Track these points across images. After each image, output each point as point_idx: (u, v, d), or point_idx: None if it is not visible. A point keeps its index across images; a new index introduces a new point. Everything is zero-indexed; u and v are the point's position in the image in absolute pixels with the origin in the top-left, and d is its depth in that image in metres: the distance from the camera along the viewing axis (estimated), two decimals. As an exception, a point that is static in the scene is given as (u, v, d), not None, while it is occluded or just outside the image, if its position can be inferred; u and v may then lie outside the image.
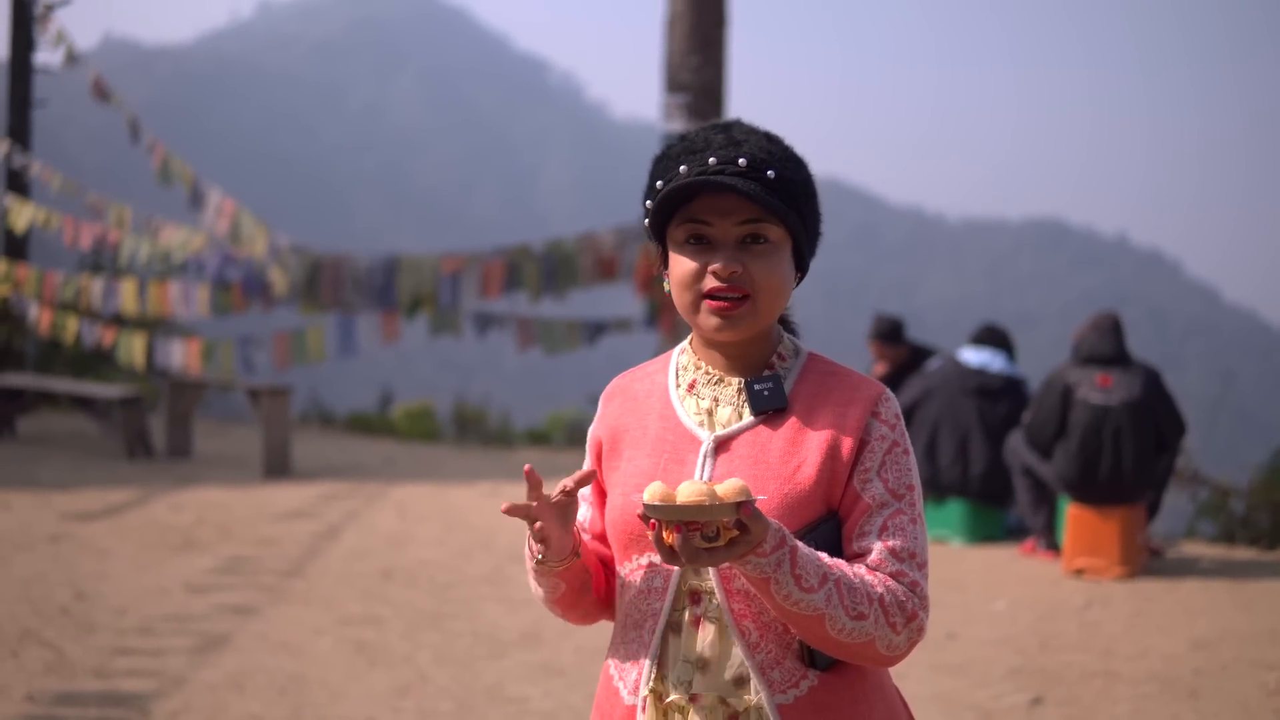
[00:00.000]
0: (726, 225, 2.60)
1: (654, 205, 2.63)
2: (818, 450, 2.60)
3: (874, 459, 2.61)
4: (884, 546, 2.56)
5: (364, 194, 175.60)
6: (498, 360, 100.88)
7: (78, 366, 18.70)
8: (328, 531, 10.99)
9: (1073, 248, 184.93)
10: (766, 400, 2.65)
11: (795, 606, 2.44)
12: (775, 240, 2.62)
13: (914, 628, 2.54)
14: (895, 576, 2.55)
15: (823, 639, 2.49)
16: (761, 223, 2.60)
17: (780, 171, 2.60)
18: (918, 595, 2.55)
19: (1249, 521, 11.19)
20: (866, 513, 2.59)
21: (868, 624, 2.48)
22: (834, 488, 2.60)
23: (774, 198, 2.58)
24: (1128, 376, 9.60)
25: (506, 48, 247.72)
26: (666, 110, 14.63)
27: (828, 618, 2.45)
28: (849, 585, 2.48)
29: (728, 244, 2.61)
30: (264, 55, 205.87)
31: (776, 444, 2.62)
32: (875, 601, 2.49)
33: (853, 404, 2.64)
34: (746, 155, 2.59)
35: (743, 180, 2.56)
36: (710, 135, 2.65)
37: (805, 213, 2.66)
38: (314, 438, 16.93)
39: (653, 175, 2.68)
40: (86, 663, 7.37)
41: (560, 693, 7.08)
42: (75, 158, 78.56)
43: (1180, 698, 6.96)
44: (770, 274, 2.61)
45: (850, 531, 2.61)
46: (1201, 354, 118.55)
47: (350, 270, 15.09)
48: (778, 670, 2.57)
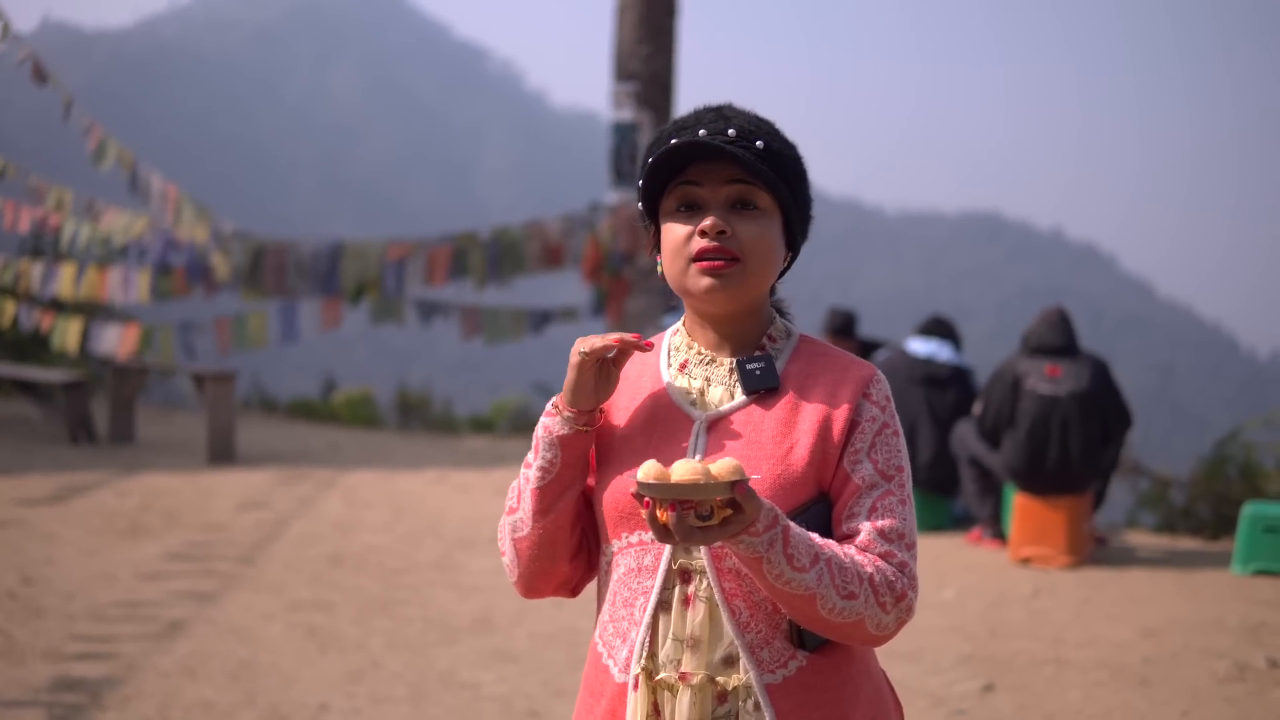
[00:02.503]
0: (715, 186, 2.62)
1: (645, 175, 2.66)
2: (810, 431, 2.61)
3: (864, 440, 2.62)
4: (873, 527, 2.57)
5: (303, 180, 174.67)
6: (435, 347, 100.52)
7: (17, 351, 18.54)
8: (275, 517, 10.95)
9: (1009, 241, 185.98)
10: (759, 380, 2.66)
11: (787, 586, 2.45)
12: (764, 207, 2.64)
13: (903, 607, 2.55)
14: (884, 557, 2.56)
15: (813, 618, 2.50)
16: (750, 187, 2.62)
17: (769, 143, 2.63)
18: (906, 575, 2.57)
19: (1189, 512, 11.31)
20: (856, 493, 2.60)
21: (858, 603, 2.49)
22: (825, 468, 2.61)
23: (763, 165, 2.60)
24: (1076, 367, 9.67)
25: (446, 35, 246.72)
26: (616, 98, 14.65)
27: (819, 597, 2.46)
28: (839, 565, 2.49)
29: (717, 204, 2.63)
30: (203, 40, 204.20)
31: (769, 424, 2.63)
32: (865, 581, 2.51)
33: (844, 384, 2.66)
34: (735, 127, 2.62)
35: (731, 146, 2.59)
36: (701, 114, 2.68)
37: (795, 189, 2.68)
38: (257, 424, 16.86)
39: (645, 155, 2.70)
40: (36, 647, 7.31)
41: (514, 678, 7.08)
42: (11, 140, 77.77)
43: (1130, 685, 7.02)
44: (759, 238, 2.63)
45: (840, 512, 2.62)
46: (1136, 348, 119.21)
47: (294, 256, 15.02)
48: (767, 650, 2.58)
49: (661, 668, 2.62)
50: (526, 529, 2.74)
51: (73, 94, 14.61)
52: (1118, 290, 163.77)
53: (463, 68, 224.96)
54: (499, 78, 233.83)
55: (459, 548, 10.09)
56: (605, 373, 2.67)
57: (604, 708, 2.70)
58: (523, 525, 2.74)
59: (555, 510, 2.71)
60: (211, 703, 6.59)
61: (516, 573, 2.80)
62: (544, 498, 2.70)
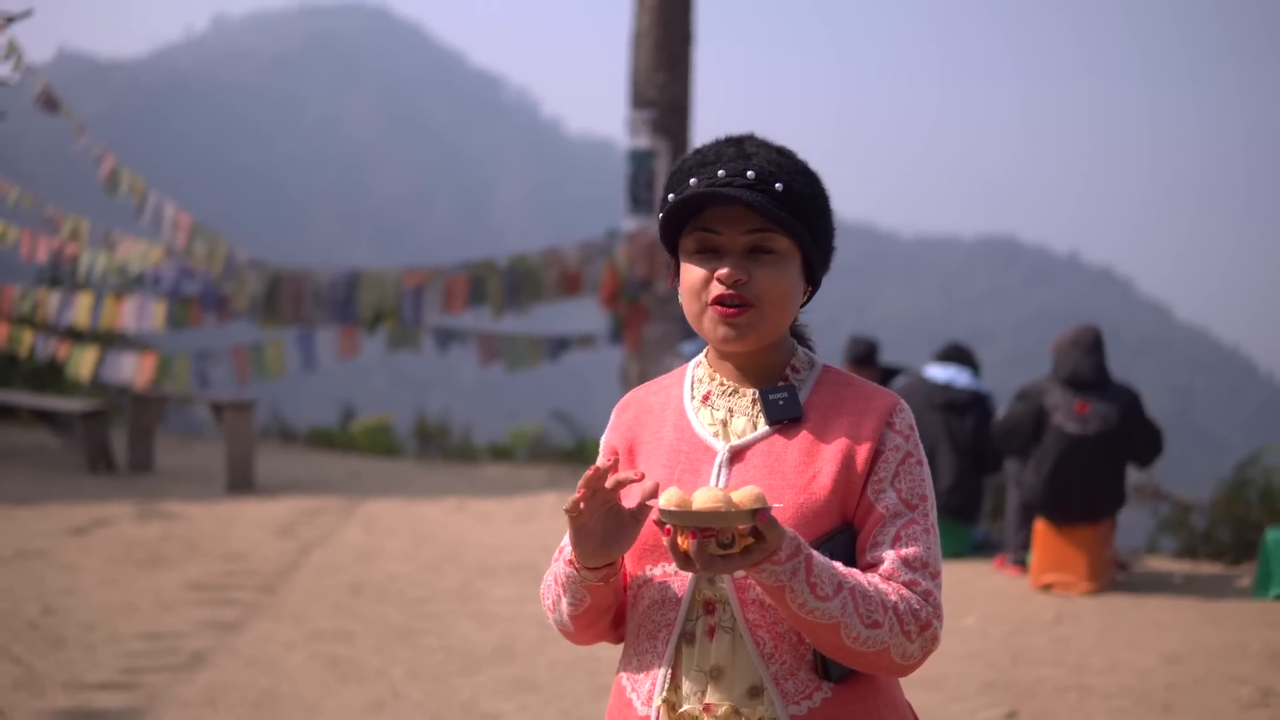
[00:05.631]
0: (734, 234, 2.63)
1: (664, 217, 2.67)
2: (833, 460, 2.62)
3: (888, 469, 2.63)
4: (897, 555, 2.58)
5: (319, 208, 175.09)
6: (454, 376, 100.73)
7: (35, 381, 18.58)
8: (296, 546, 10.95)
9: (1026, 265, 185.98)
10: (782, 410, 2.67)
11: (811, 615, 2.45)
12: (782, 251, 2.64)
13: (928, 636, 2.56)
14: (909, 585, 2.57)
15: (837, 648, 2.50)
16: (768, 233, 2.62)
17: (789, 184, 2.62)
18: (931, 604, 2.57)
19: (1210, 537, 11.27)
20: (880, 522, 2.61)
21: (882, 632, 2.50)
22: (849, 498, 2.62)
23: (781, 210, 2.59)
24: (1105, 405, 9.57)
25: (461, 63, 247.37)
26: (632, 126, 14.67)
27: (843, 626, 2.47)
28: (864, 593, 2.49)
29: (734, 252, 2.63)
30: (219, 69, 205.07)
31: (792, 454, 2.64)
32: (890, 610, 2.51)
33: (867, 414, 2.66)
34: (755, 168, 2.61)
35: (749, 192, 2.58)
36: (721, 149, 2.68)
37: (815, 226, 2.67)
38: (276, 453, 16.87)
39: (666, 189, 2.71)
40: (57, 678, 7.31)
41: (536, 708, 7.06)
42: (28, 171, 78.07)
43: (1154, 711, 7.00)
44: (775, 284, 2.63)
45: (864, 541, 2.63)
46: (1154, 371, 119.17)
47: (311, 285, 15.04)
48: (792, 681, 2.58)
49: (685, 700, 2.62)
50: (569, 629, 2.79)
51: (85, 123, 14.66)
52: (1135, 313, 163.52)
53: (478, 96, 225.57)
54: (514, 106, 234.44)
55: (480, 576, 10.08)
56: (618, 520, 2.60)
57: None
58: (565, 626, 2.80)
59: (599, 623, 2.77)
60: (233, 733, 6.59)
61: (565, 636, 2.85)
62: (583, 620, 2.75)
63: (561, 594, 2.73)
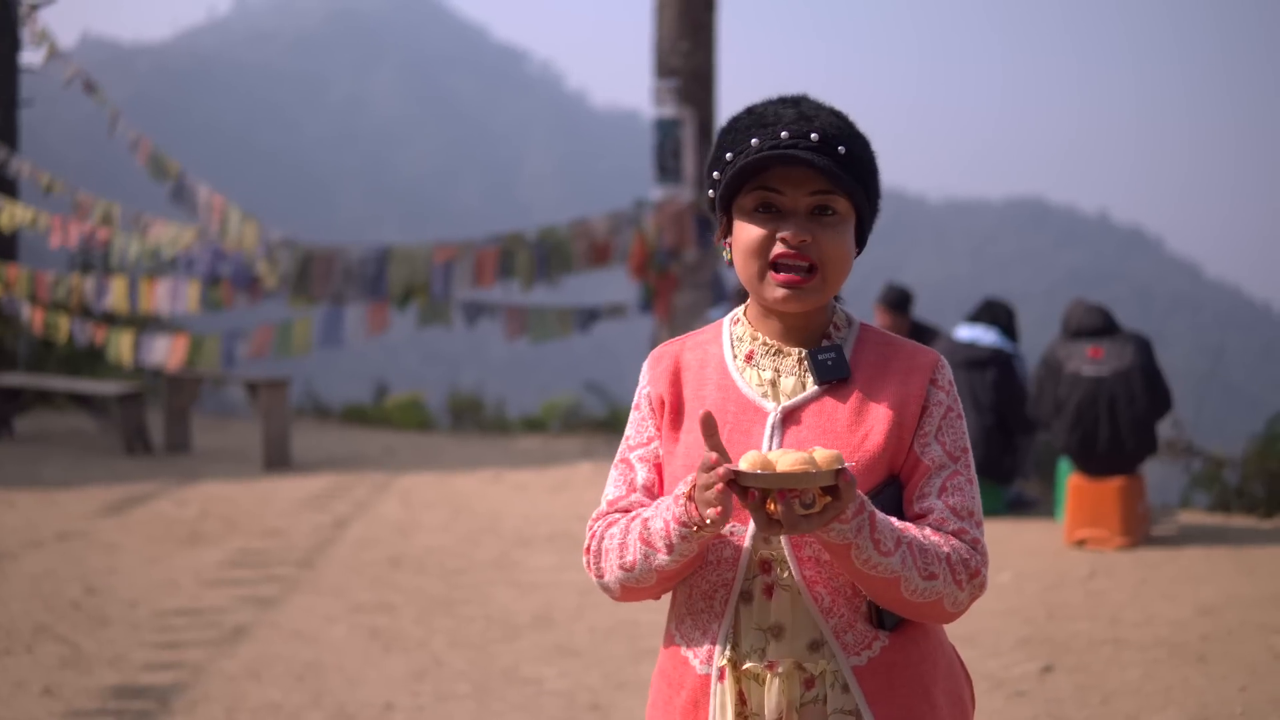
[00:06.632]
0: (798, 195, 2.65)
1: (728, 176, 2.68)
2: (884, 419, 2.67)
3: (932, 424, 2.70)
4: (945, 505, 2.65)
5: (347, 187, 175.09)
6: (484, 351, 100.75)
7: (70, 365, 18.71)
8: (334, 521, 11.05)
9: (1055, 227, 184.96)
10: (831, 370, 2.71)
11: (874, 570, 2.51)
12: (842, 212, 2.68)
13: (976, 583, 2.63)
14: (957, 534, 2.64)
15: (895, 600, 2.57)
16: (831, 194, 2.66)
17: (850, 147, 2.66)
18: (979, 552, 2.64)
19: (1243, 491, 11.28)
20: (926, 475, 2.68)
21: (938, 583, 2.57)
22: (898, 454, 2.68)
23: (845, 172, 2.64)
24: (1117, 346, 9.68)
25: (484, 38, 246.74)
26: (657, 95, 14.69)
27: (903, 580, 2.54)
28: (920, 547, 2.56)
29: (798, 213, 2.66)
30: (243, 51, 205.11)
31: (843, 414, 2.68)
32: (943, 560, 2.58)
33: (913, 372, 2.72)
34: (819, 130, 2.64)
35: (817, 155, 2.61)
36: (780, 110, 2.69)
37: (870, 189, 2.72)
38: (311, 429, 16.97)
39: (720, 146, 2.72)
40: (102, 656, 7.42)
41: (576, 673, 7.14)
42: (59, 155, 78.24)
43: (1189, 662, 7.04)
44: (837, 245, 2.67)
45: (911, 494, 2.69)
46: (1186, 330, 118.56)
47: (343, 262, 15.10)
48: (850, 633, 2.64)
49: (745, 658, 2.67)
50: (648, 583, 2.71)
51: (118, 107, 14.75)
52: (1166, 273, 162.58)
53: (502, 70, 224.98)
54: (539, 79, 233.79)
55: (517, 546, 10.16)
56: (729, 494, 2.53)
57: (684, 699, 2.74)
58: (643, 581, 2.70)
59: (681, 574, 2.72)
60: (278, 705, 6.68)
61: (615, 595, 2.79)
62: (675, 576, 2.69)
63: (657, 551, 2.62)
